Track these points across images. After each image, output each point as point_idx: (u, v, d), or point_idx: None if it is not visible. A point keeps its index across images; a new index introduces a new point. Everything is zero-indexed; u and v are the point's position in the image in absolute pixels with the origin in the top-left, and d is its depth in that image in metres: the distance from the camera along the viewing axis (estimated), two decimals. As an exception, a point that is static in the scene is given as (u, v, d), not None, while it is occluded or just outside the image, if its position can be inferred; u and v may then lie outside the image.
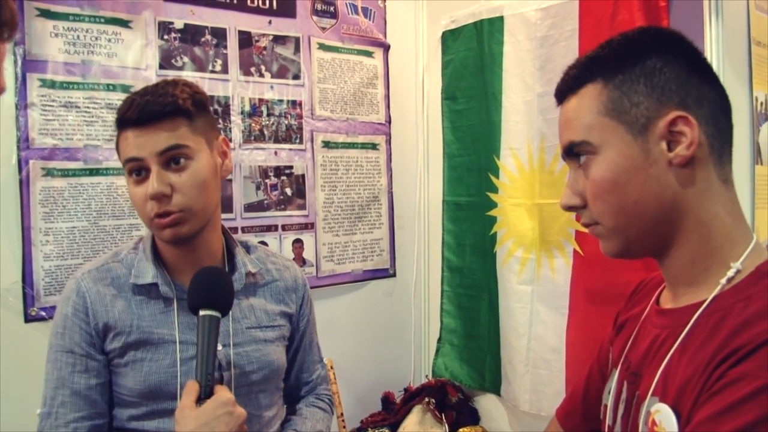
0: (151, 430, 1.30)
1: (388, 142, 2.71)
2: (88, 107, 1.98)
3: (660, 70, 0.90)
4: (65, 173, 1.96)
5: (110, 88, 2.02)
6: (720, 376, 0.79)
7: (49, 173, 1.94)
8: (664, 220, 0.91)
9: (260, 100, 2.33)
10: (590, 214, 0.97)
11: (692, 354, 0.86)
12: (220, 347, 1.32)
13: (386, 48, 2.70)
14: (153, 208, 1.25)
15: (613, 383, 1.06)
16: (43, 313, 1.91)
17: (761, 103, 1.88)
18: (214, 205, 1.35)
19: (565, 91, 0.99)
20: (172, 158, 1.26)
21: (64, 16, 1.95)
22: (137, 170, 1.26)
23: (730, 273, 0.87)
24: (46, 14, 1.92)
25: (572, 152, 0.97)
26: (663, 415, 0.87)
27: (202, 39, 2.21)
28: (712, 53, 1.76)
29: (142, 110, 1.24)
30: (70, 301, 1.31)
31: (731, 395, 0.76)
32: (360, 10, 2.62)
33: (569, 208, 1.00)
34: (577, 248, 2.12)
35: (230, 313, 1.34)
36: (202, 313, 1.16)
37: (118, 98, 2.02)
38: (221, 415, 1.09)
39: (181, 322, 1.32)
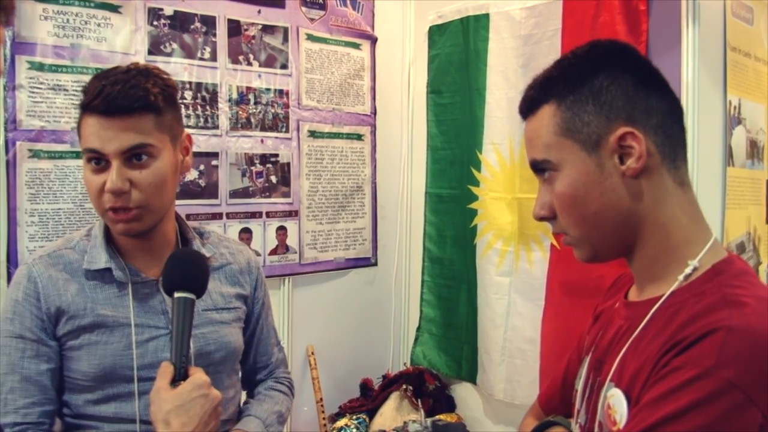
0: (109, 414, 1.28)
1: (373, 133, 2.75)
2: (76, 90, 1.99)
3: (607, 88, 0.96)
4: (52, 155, 1.98)
5: (98, 72, 2.03)
6: (665, 364, 0.86)
7: (35, 155, 1.95)
8: (624, 226, 0.98)
9: (248, 88, 2.36)
10: (559, 225, 1.04)
11: (646, 343, 0.93)
12: None
13: (373, 40, 2.73)
14: (109, 201, 1.23)
15: (583, 370, 1.12)
16: (28, 293, 1.93)
17: (734, 107, 1.93)
18: (170, 201, 1.34)
19: (525, 111, 1.06)
20: (135, 155, 1.23)
21: (53, 0, 1.97)
22: (96, 160, 1.24)
23: (687, 270, 0.94)
24: (37, -3, 1.94)
25: (537, 168, 1.04)
26: (616, 399, 0.94)
27: (192, 26, 2.23)
28: (688, 57, 1.82)
29: (111, 102, 1.20)
30: (20, 287, 1.29)
31: (671, 381, 0.83)
32: (348, 2, 2.64)
33: (541, 219, 1.06)
34: (554, 242, 2.17)
35: None
36: (177, 295, 1.15)
37: (106, 83, 2.04)
38: (197, 398, 1.09)
39: (135, 306, 1.31)
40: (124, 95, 1.20)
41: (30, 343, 1.27)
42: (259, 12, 2.38)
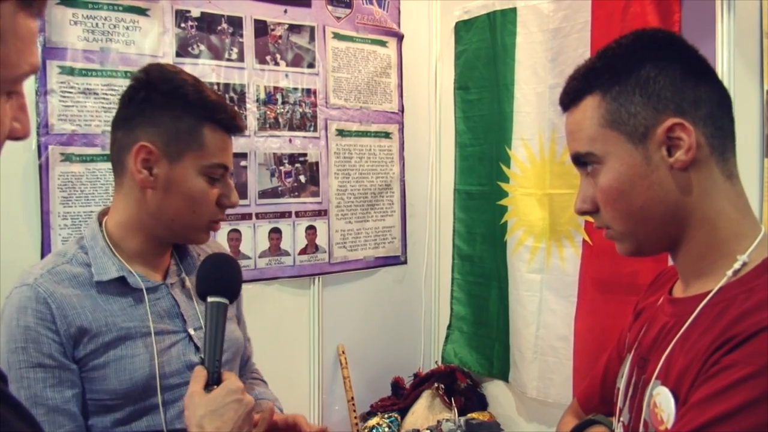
0: (142, 430, 1.24)
1: (401, 131, 2.74)
2: (106, 94, 2.01)
3: (654, 78, 0.93)
4: (83, 159, 2.00)
5: (128, 75, 2.04)
6: (715, 362, 0.83)
7: (67, 158, 1.97)
8: (671, 221, 0.95)
9: (275, 88, 2.36)
10: (602, 219, 1.01)
11: (694, 341, 0.90)
12: (192, 331, 1.31)
13: (400, 38, 2.71)
14: (219, 213, 1.30)
15: (625, 368, 1.10)
16: (62, 295, 1.95)
17: (772, 97, 1.88)
18: None
19: (567, 102, 1.03)
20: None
21: (83, 4, 1.98)
22: (217, 175, 1.29)
23: (737, 265, 0.91)
24: (66, 2, 1.95)
25: (580, 161, 1.01)
26: (663, 398, 0.92)
27: (219, 27, 2.24)
28: (723, 46, 1.77)
29: (235, 121, 1.30)
30: (28, 311, 1.17)
31: (723, 380, 0.80)
32: (374, 0, 2.64)
33: (583, 213, 1.04)
34: (587, 238, 2.14)
35: (194, 296, 1.34)
36: (210, 299, 1.15)
37: (136, 85, 2.06)
38: (230, 403, 1.08)
39: (152, 313, 1.28)
40: (239, 117, 1.32)
41: (51, 371, 1.17)
42: (286, 11, 2.38)
